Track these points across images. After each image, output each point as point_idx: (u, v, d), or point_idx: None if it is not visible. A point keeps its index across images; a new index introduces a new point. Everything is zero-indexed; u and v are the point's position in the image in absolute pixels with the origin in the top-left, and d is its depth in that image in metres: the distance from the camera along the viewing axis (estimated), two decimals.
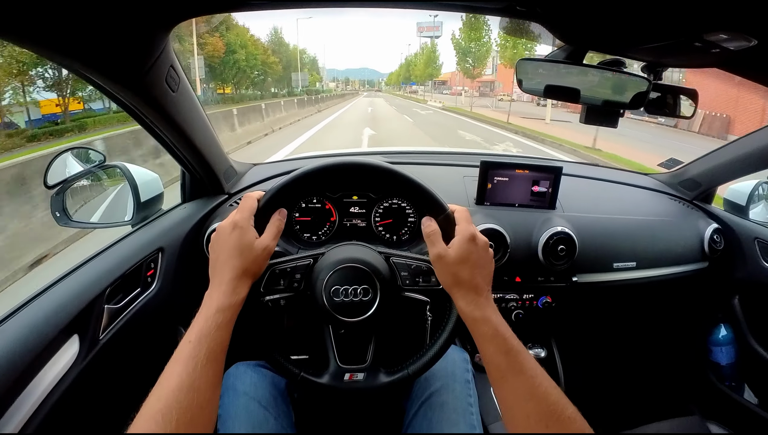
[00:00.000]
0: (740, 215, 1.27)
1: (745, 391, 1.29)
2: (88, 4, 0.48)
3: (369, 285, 0.63)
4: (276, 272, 0.63)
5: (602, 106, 0.81)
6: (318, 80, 71.69)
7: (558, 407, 0.47)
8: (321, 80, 79.06)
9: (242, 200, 0.61)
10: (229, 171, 1.09)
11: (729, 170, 1.23)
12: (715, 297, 1.32)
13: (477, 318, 0.55)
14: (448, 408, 0.76)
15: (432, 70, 44.55)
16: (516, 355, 0.51)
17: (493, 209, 1.11)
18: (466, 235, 0.58)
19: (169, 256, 0.91)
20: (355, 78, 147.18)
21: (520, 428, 0.48)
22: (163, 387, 0.46)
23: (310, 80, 62.89)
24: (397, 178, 0.65)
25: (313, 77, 69.11)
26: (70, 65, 0.58)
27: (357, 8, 1.06)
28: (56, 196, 0.91)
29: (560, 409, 0.47)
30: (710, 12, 0.49)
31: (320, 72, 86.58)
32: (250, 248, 0.57)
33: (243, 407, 0.73)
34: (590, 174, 1.35)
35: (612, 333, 1.41)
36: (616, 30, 0.65)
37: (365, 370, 0.65)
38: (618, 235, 1.14)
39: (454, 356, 0.86)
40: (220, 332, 0.51)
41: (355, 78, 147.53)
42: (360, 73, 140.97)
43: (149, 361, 0.88)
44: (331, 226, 1.04)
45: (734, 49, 0.58)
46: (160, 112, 0.75)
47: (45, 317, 0.63)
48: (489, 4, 0.62)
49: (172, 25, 0.63)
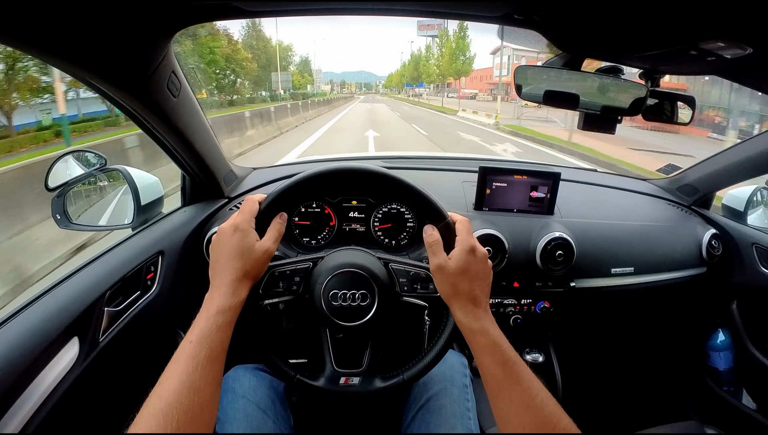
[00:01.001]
0: (738, 220, 1.28)
1: (743, 396, 1.29)
2: (92, 11, 0.49)
3: (367, 290, 0.63)
4: (275, 275, 0.64)
5: (601, 112, 0.81)
6: (309, 82, 67.73)
7: (553, 419, 0.48)
8: (313, 82, 74.65)
9: (243, 203, 0.61)
10: (229, 175, 1.09)
11: (727, 176, 1.23)
12: (713, 302, 1.32)
13: (474, 329, 0.55)
14: (446, 412, 0.76)
15: (461, 66, 31.86)
16: (512, 366, 0.52)
17: (491, 215, 1.11)
18: (467, 247, 0.58)
19: (169, 259, 0.91)
20: (352, 81, 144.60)
21: None
22: (164, 387, 0.46)
23: (301, 82, 59.74)
24: (398, 185, 0.65)
25: (305, 79, 65.66)
26: (73, 71, 0.59)
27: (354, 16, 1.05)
28: (57, 198, 0.91)
29: (555, 420, 0.48)
30: (705, 21, 0.50)
31: (313, 74, 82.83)
32: (250, 250, 0.57)
33: (241, 410, 0.74)
34: (588, 179, 1.35)
35: (610, 338, 1.41)
36: (613, 38, 0.66)
37: (361, 375, 0.66)
38: (616, 240, 1.15)
39: (453, 361, 0.86)
40: (220, 333, 0.51)
41: (351, 81, 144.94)
42: (357, 76, 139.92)
43: (148, 363, 0.89)
44: (331, 230, 1.04)
45: (730, 57, 0.59)
46: (161, 117, 0.75)
47: (45, 319, 0.64)
48: (487, 12, 0.62)
49: (174, 31, 0.64)
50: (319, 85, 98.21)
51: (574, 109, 0.80)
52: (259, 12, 0.59)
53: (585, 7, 0.56)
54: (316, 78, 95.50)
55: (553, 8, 0.59)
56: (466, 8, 0.63)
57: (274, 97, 33.67)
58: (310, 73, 73.61)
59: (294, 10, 0.60)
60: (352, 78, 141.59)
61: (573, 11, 0.58)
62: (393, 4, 0.59)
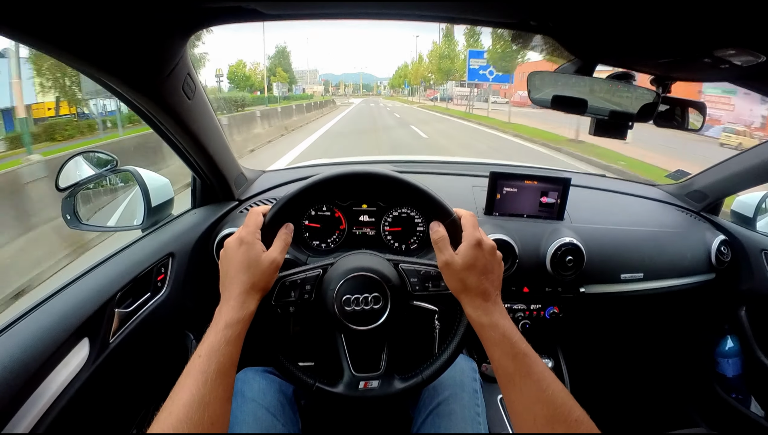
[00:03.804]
0: (747, 227, 1.27)
1: (752, 403, 1.28)
2: (109, 12, 0.49)
3: (379, 292, 0.63)
4: (286, 284, 0.63)
5: (609, 117, 0.82)
6: (283, 80, 46.46)
7: (565, 410, 0.48)
8: (288, 81, 51.15)
9: (247, 216, 0.61)
10: (239, 178, 1.09)
11: (736, 182, 1.23)
12: (721, 309, 1.31)
13: (484, 323, 0.55)
14: (456, 417, 0.76)
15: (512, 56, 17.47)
16: (523, 358, 0.52)
17: (501, 220, 1.11)
18: (473, 241, 0.58)
19: (179, 261, 0.91)
20: (350, 82, 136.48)
21: (528, 431, 0.49)
22: (174, 402, 0.46)
23: (274, 80, 43.91)
24: (401, 185, 0.66)
25: (279, 76, 47.57)
26: (89, 72, 0.59)
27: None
28: (67, 199, 0.92)
29: (567, 411, 0.47)
30: (721, 29, 0.50)
31: (295, 72, 67.03)
32: (257, 262, 0.57)
33: (251, 413, 0.74)
34: (598, 185, 1.35)
35: (619, 344, 1.41)
36: (628, 45, 0.66)
37: (380, 378, 0.65)
38: (625, 246, 1.14)
39: (463, 365, 0.86)
40: (229, 347, 0.51)
41: (350, 82, 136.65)
42: (356, 77, 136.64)
43: (158, 365, 0.89)
44: (341, 234, 1.05)
45: (743, 65, 0.59)
46: (175, 118, 0.76)
47: (56, 320, 0.64)
48: (503, 19, 0.63)
49: (191, 33, 0.64)
50: (312, 86, 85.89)
51: (583, 114, 0.80)
52: (277, 15, 0.59)
53: (600, 13, 0.56)
54: (308, 78, 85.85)
55: (568, 15, 0.59)
56: (482, 14, 0.63)
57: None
58: (289, 70, 54.31)
59: (313, 14, 0.61)
60: (351, 79, 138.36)
61: (588, 18, 0.58)
62: (411, 10, 0.60)
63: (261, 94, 38.39)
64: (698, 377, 1.38)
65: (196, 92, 0.76)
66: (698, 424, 1.36)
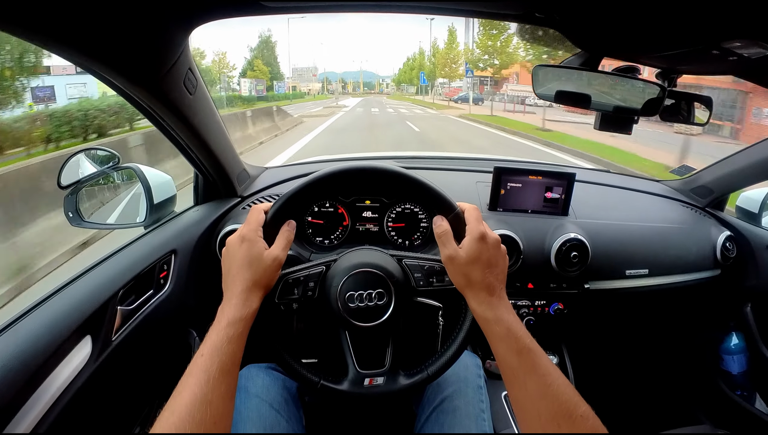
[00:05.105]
0: (753, 223, 1.26)
1: (757, 400, 1.27)
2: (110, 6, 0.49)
3: (383, 289, 0.63)
4: (289, 282, 0.63)
5: (613, 112, 0.81)
6: (262, 75, 38.21)
7: (570, 405, 0.47)
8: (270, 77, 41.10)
9: (249, 213, 0.61)
10: (242, 174, 1.09)
11: (742, 177, 1.22)
12: (727, 305, 1.31)
13: (489, 318, 0.54)
14: (460, 413, 0.75)
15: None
16: (528, 353, 0.51)
17: (506, 215, 1.10)
18: (476, 235, 0.57)
19: (181, 258, 0.91)
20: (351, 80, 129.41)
21: (532, 427, 0.48)
22: (177, 401, 0.46)
23: (252, 75, 36.89)
24: (404, 179, 0.65)
25: (258, 71, 39.09)
26: (89, 66, 0.58)
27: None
28: (69, 196, 0.91)
29: (572, 407, 0.47)
30: (729, 20, 0.49)
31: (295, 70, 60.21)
32: (259, 260, 0.57)
33: (255, 409, 0.73)
34: (602, 180, 1.34)
35: (623, 340, 1.40)
36: (634, 37, 0.65)
37: (384, 374, 0.65)
38: (630, 242, 1.14)
39: (467, 362, 0.85)
40: (231, 346, 0.51)
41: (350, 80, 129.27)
42: (357, 75, 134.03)
43: (161, 362, 0.89)
44: (344, 230, 1.04)
45: (752, 58, 0.58)
46: (177, 114, 0.75)
47: (58, 318, 0.63)
48: (509, 11, 0.62)
49: (193, 27, 0.64)
50: (309, 84, 76.18)
51: (587, 108, 0.80)
52: (280, 8, 0.58)
53: (607, 5, 0.55)
54: (303, 75, 79.16)
55: (575, 6, 0.58)
56: (488, 6, 0.62)
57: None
58: (268, 63, 42.64)
59: (318, 7, 0.60)
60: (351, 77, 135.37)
61: (594, 10, 0.58)
62: (419, 2, 0.59)
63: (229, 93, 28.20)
64: (703, 374, 1.38)
65: (197, 87, 0.76)
66: (703, 421, 1.35)
